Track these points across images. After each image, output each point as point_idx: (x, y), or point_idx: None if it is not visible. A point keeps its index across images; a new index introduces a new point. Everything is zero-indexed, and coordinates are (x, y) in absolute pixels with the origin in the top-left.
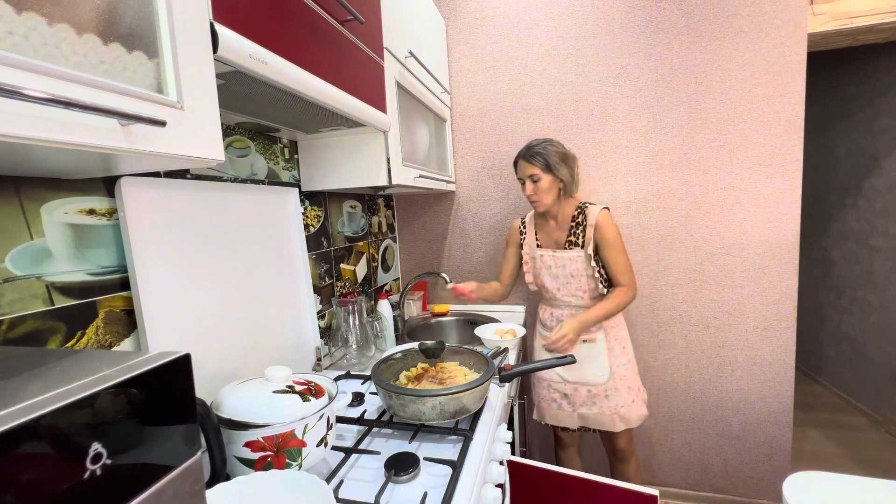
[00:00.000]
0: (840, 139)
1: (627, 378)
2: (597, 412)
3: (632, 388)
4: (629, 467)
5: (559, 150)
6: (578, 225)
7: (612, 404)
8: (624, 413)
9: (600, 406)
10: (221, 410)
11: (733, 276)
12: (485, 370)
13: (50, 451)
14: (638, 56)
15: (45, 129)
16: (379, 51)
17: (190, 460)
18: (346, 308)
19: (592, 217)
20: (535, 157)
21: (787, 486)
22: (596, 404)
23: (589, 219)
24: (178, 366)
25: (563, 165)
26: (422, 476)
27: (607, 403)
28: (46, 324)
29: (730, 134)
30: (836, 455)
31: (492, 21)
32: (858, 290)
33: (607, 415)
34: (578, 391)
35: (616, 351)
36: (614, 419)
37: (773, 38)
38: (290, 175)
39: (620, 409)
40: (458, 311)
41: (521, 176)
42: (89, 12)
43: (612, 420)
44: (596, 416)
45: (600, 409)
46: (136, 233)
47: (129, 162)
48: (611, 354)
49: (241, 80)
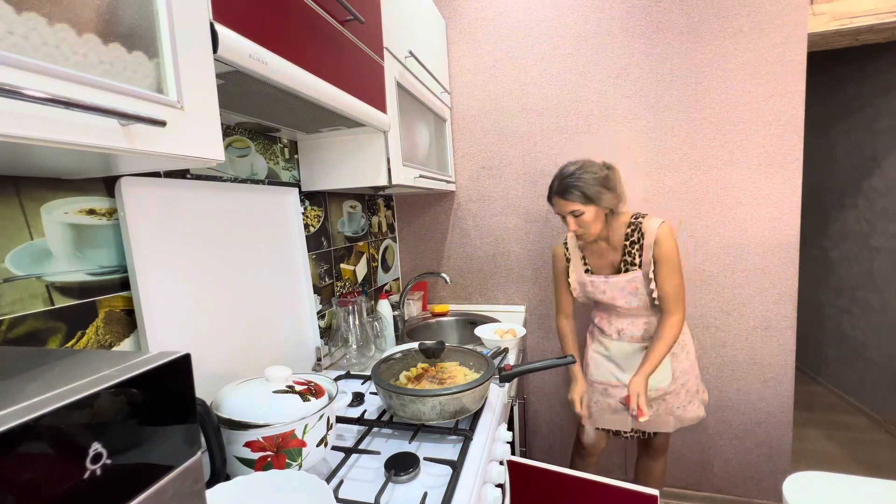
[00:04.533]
0: (840, 139)
1: (688, 383)
2: (652, 414)
3: (689, 391)
4: (658, 465)
5: (596, 176)
6: (634, 243)
7: (667, 406)
8: (679, 413)
9: (656, 408)
10: (221, 410)
11: (733, 276)
12: (485, 370)
13: (50, 451)
14: (638, 56)
15: (45, 129)
16: (379, 51)
17: (190, 460)
18: (346, 308)
19: (651, 234)
20: (571, 191)
21: (787, 486)
22: (652, 407)
23: (647, 236)
24: (178, 366)
25: (606, 191)
26: (422, 476)
27: (663, 405)
28: (46, 324)
29: (730, 134)
30: (836, 455)
31: (492, 21)
32: (858, 290)
33: (662, 416)
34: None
35: (680, 357)
36: (668, 419)
37: (773, 38)
38: (290, 175)
39: (676, 410)
40: (458, 311)
41: (560, 212)
42: (89, 12)
43: (667, 420)
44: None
45: (655, 411)
46: (136, 233)
47: (129, 162)
48: (674, 360)
49: (241, 80)
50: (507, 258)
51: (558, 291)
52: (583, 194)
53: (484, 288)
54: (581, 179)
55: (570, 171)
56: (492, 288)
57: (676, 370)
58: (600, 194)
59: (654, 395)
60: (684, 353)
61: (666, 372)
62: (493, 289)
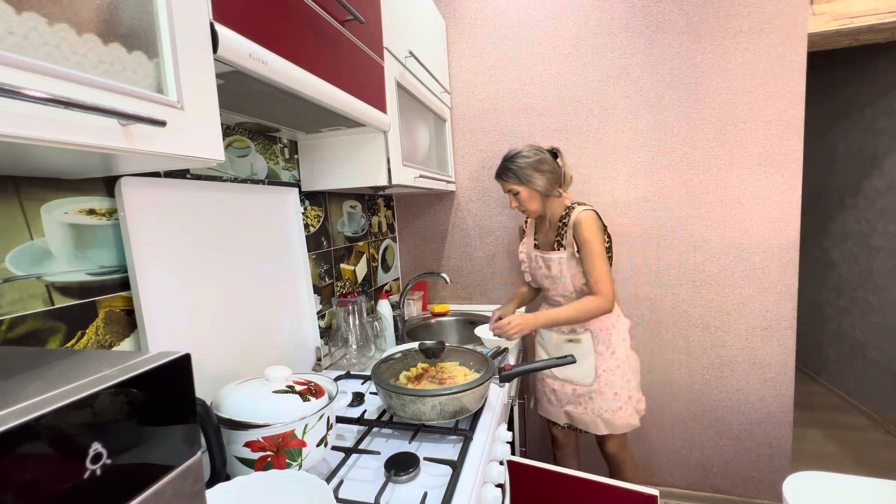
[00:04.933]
0: (840, 139)
1: (614, 384)
2: (581, 412)
3: (619, 395)
4: (623, 473)
5: (529, 160)
6: (564, 226)
7: (595, 407)
8: (608, 418)
9: (584, 406)
10: (221, 410)
11: (733, 276)
12: (485, 370)
13: (50, 451)
14: (638, 56)
15: (45, 129)
16: (379, 51)
17: (190, 460)
18: (346, 308)
19: (573, 217)
20: (506, 173)
21: (787, 486)
22: (581, 404)
23: (571, 219)
24: (178, 366)
25: (537, 173)
26: (422, 476)
27: (591, 405)
28: (46, 324)
29: (730, 134)
30: (836, 455)
31: (492, 21)
32: (858, 290)
33: (590, 416)
34: (564, 388)
35: (604, 355)
36: (597, 422)
37: (773, 38)
38: (290, 175)
39: (604, 414)
40: (458, 311)
41: (503, 191)
42: (89, 12)
43: (596, 423)
44: (580, 415)
45: (584, 410)
46: (136, 233)
47: (129, 162)
48: (597, 357)
49: (241, 80)
50: (507, 258)
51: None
52: (516, 176)
53: (484, 288)
54: (515, 163)
55: (509, 155)
56: (492, 288)
57: (599, 367)
58: (531, 177)
59: (580, 391)
60: (609, 352)
61: (588, 368)
62: (493, 289)
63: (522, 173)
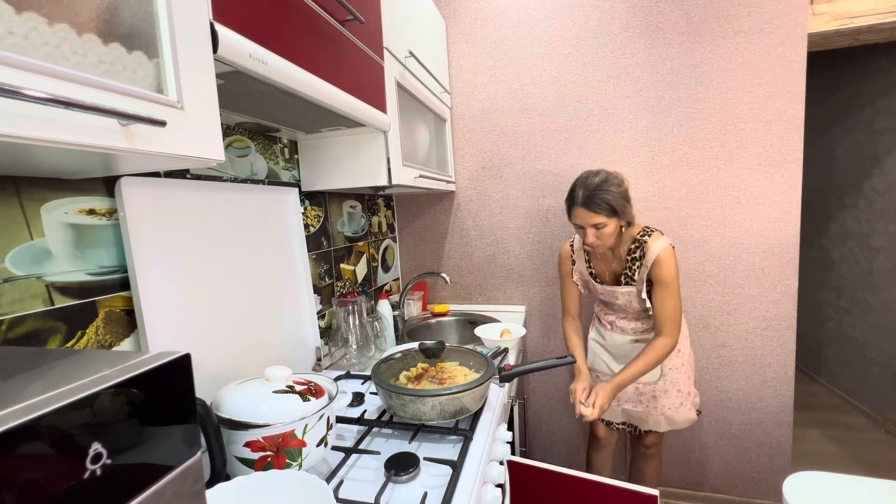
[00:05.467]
0: (840, 139)
1: (679, 381)
2: (642, 410)
3: (681, 391)
4: (649, 467)
5: (623, 189)
6: (635, 260)
7: (659, 404)
8: (670, 415)
9: (647, 405)
10: (221, 410)
11: (733, 276)
12: (485, 370)
13: (50, 451)
14: (638, 56)
15: (45, 129)
16: (379, 51)
17: (190, 460)
18: (346, 308)
19: (652, 255)
20: (597, 203)
21: (787, 486)
22: (643, 402)
23: (648, 256)
24: (178, 366)
25: (629, 204)
26: (422, 476)
27: (655, 403)
28: (46, 324)
29: (730, 134)
30: (836, 455)
31: (492, 21)
32: (858, 290)
33: (653, 415)
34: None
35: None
36: (660, 420)
37: (773, 38)
38: (290, 175)
39: (667, 411)
40: (458, 311)
41: (581, 224)
42: (89, 12)
43: (658, 420)
44: (641, 413)
45: (646, 408)
46: (136, 233)
47: (129, 162)
48: None
49: (241, 80)
50: (507, 258)
51: (564, 292)
52: (610, 207)
53: (484, 288)
54: (609, 192)
55: (595, 182)
56: (492, 288)
57: (665, 366)
58: (625, 207)
59: (643, 390)
60: (675, 351)
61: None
62: (493, 289)
63: (618, 203)
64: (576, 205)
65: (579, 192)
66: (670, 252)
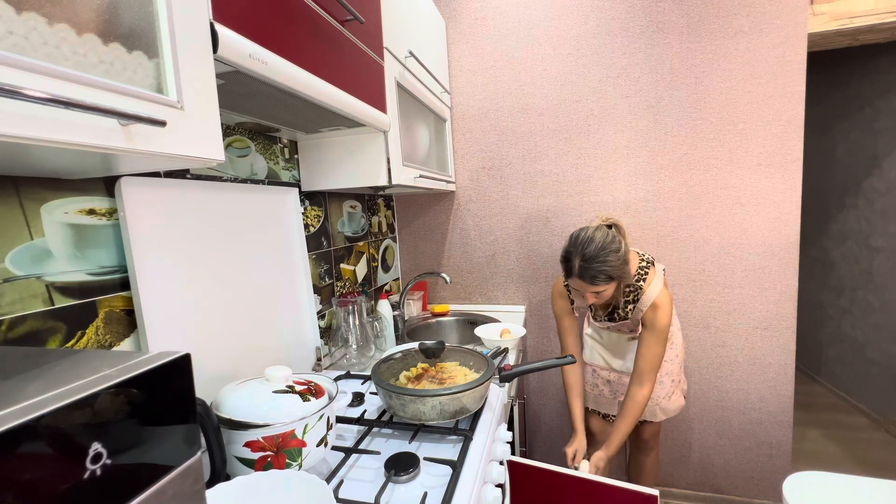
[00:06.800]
0: (840, 139)
1: (672, 372)
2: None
3: (674, 381)
4: (649, 459)
5: (621, 253)
6: (629, 303)
7: (654, 395)
8: (664, 405)
9: None
10: (221, 410)
11: (733, 276)
12: (485, 370)
13: (50, 451)
14: (638, 56)
15: (45, 129)
16: (379, 51)
17: (190, 460)
18: (346, 308)
19: (648, 299)
20: (597, 276)
21: (787, 486)
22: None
23: (643, 301)
24: (178, 366)
25: (626, 265)
26: (422, 476)
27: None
28: (46, 324)
29: (730, 134)
30: (836, 455)
31: (492, 21)
32: (858, 290)
33: (649, 406)
34: (621, 379)
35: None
36: (655, 410)
37: (773, 38)
38: (290, 175)
39: (661, 401)
40: (458, 311)
41: (580, 289)
42: (89, 12)
43: (654, 410)
44: None
45: None
46: (136, 233)
47: (129, 162)
48: None
49: (241, 80)
50: (507, 258)
51: (563, 332)
52: (609, 277)
53: (484, 288)
54: (607, 263)
55: (591, 251)
56: (492, 288)
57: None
58: (623, 270)
59: None
60: (668, 344)
61: None
62: (493, 289)
63: (617, 271)
64: (573, 275)
65: (576, 261)
66: (666, 297)
